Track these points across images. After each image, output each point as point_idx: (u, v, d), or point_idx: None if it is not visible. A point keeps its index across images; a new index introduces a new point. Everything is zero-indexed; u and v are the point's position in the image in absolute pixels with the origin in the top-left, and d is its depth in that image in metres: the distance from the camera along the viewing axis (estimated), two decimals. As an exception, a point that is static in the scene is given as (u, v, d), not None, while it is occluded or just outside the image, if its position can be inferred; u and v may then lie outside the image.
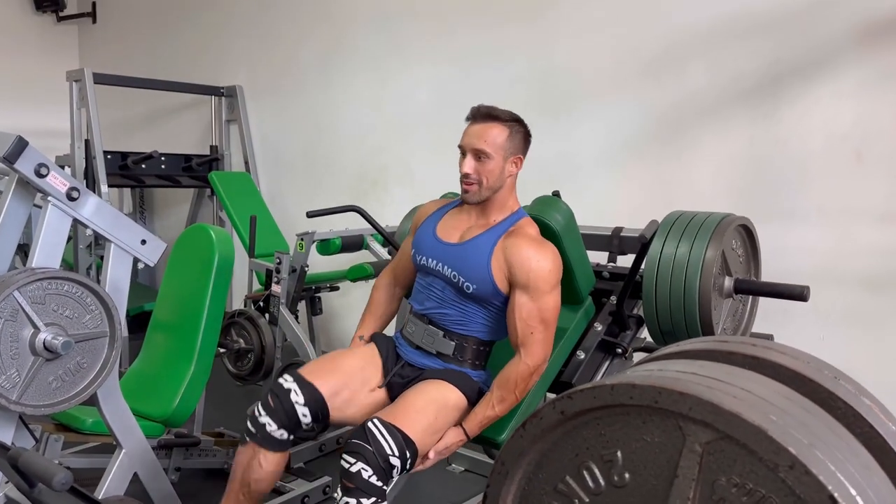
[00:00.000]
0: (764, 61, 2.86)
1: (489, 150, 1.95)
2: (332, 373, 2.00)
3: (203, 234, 2.69)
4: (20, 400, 1.80)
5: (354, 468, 1.71)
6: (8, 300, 1.77)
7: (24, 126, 5.98)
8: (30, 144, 1.84)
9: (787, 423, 0.67)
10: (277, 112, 4.89)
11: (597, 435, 0.77)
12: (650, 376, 0.75)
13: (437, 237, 2.07)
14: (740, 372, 0.79)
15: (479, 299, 2.00)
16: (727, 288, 2.11)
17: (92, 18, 6.32)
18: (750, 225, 2.18)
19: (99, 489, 2.11)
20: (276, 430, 1.90)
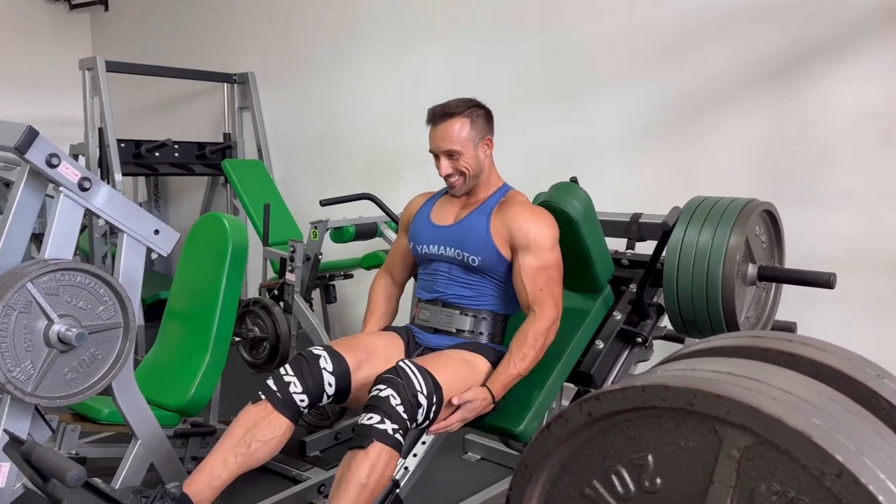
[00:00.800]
0: (787, 41, 2.78)
1: (457, 146, 2.03)
2: (358, 347, 2.01)
3: (217, 222, 2.67)
4: (35, 392, 1.79)
5: (384, 393, 1.71)
6: (21, 292, 1.75)
7: (39, 115, 6.00)
8: (40, 134, 1.82)
9: (833, 428, 0.63)
10: (290, 99, 4.85)
11: (626, 438, 0.74)
12: (684, 376, 0.72)
13: (433, 223, 2.14)
14: (778, 371, 0.75)
15: (486, 270, 2.05)
16: (751, 275, 2.06)
17: (104, 6, 6.30)
18: (774, 210, 2.12)
19: (115, 479, 2.10)
20: (299, 393, 1.84)
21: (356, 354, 1.94)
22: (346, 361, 1.90)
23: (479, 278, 2.06)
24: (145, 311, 4.60)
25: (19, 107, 5.92)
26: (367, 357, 1.96)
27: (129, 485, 2.12)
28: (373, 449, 1.65)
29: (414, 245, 2.17)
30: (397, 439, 1.68)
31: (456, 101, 2.08)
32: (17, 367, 1.75)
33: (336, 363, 1.89)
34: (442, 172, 2.07)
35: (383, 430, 1.66)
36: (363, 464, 1.64)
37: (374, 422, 1.67)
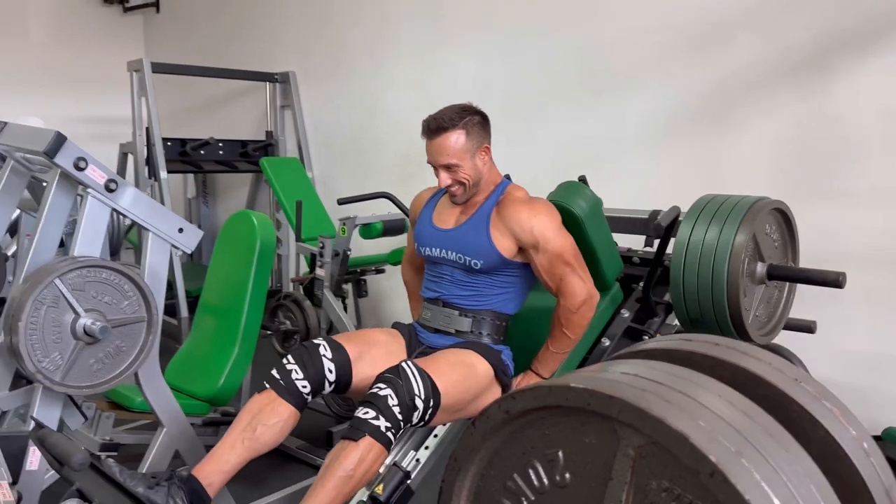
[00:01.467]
0: (814, 34, 2.73)
1: (455, 160, 2.03)
2: (359, 339, 2.07)
3: (246, 220, 2.77)
4: (63, 381, 1.90)
5: (383, 392, 1.76)
6: (50, 287, 1.87)
7: (95, 114, 6.29)
8: (68, 139, 1.93)
9: (717, 430, 0.66)
10: (328, 97, 4.96)
11: (541, 435, 0.78)
12: (591, 378, 0.76)
13: (435, 226, 2.17)
14: (689, 374, 0.78)
15: (489, 272, 2.08)
16: (759, 274, 2.05)
17: (156, 8, 6.52)
18: (785, 209, 2.10)
19: (142, 465, 2.22)
20: (301, 380, 1.91)
21: (357, 346, 2.01)
22: (346, 351, 1.97)
23: (482, 279, 2.10)
24: (190, 303, 4.77)
25: (76, 106, 6.20)
26: (367, 348, 2.02)
27: (155, 470, 2.23)
28: (363, 442, 1.70)
29: (418, 246, 2.22)
30: (389, 437, 1.73)
31: (449, 113, 2.07)
32: (46, 358, 1.87)
33: (336, 352, 1.96)
34: (441, 184, 2.10)
35: (376, 427, 1.71)
36: (352, 455, 1.70)
37: (370, 417, 1.72)
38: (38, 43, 6.22)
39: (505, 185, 2.14)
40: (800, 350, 2.64)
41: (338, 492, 1.68)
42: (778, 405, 0.79)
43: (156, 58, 6.25)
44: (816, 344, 2.61)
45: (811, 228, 2.70)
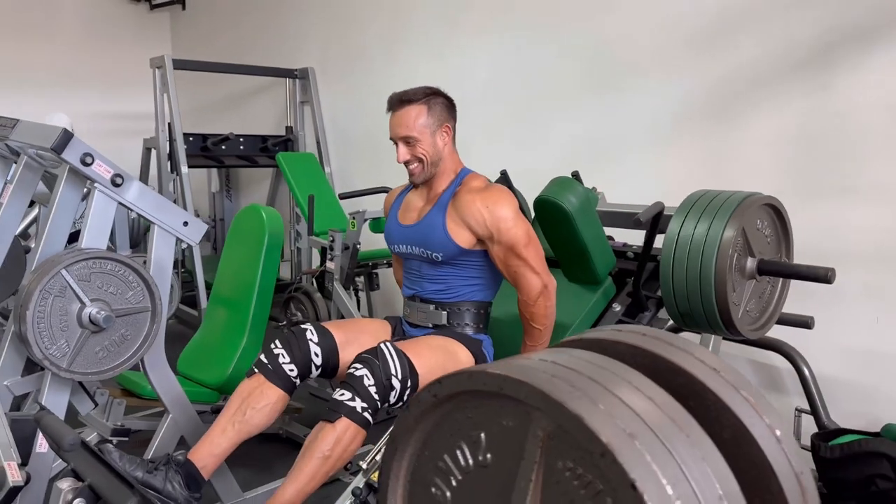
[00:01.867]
0: (819, 29, 2.71)
1: (414, 133, 2.08)
2: (348, 327, 2.13)
3: (255, 213, 2.84)
4: (70, 367, 1.99)
5: (359, 373, 1.80)
6: (56, 278, 1.96)
7: (121, 110, 6.44)
8: (75, 136, 2.02)
9: (615, 414, 0.70)
10: (346, 93, 5.03)
11: (466, 418, 0.82)
12: (508, 364, 0.80)
13: (399, 223, 2.22)
14: (606, 362, 0.81)
15: (451, 263, 2.11)
16: (749, 269, 2.05)
17: (182, 5, 6.66)
18: (778, 204, 2.10)
19: (148, 450, 2.31)
20: (288, 364, 1.97)
21: (344, 332, 2.06)
22: (332, 337, 2.02)
23: (449, 270, 2.12)
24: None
25: (103, 102, 6.37)
26: (355, 335, 2.07)
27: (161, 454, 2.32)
28: (340, 424, 1.75)
29: (388, 244, 2.28)
30: (365, 417, 1.78)
31: (414, 89, 2.14)
32: (53, 345, 1.96)
33: (322, 337, 2.01)
34: (400, 159, 2.13)
35: (352, 408, 1.76)
36: (328, 436, 1.75)
37: (345, 398, 1.78)
38: (67, 40, 6.39)
39: (464, 175, 2.15)
40: (801, 346, 2.64)
41: (315, 471, 1.74)
42: (694, 394, 0.83)
43: (181, 54, 6.41)
44: (818, 340, 2.61)
45: (814, 224, 2.70)
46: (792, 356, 2.65)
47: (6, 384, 2.15)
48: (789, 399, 2.85)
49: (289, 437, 3.10)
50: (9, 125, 2.19)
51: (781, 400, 2.90)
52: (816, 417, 2.60)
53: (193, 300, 4.68)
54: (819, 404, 2.60)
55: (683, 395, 0.83)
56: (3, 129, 2.20)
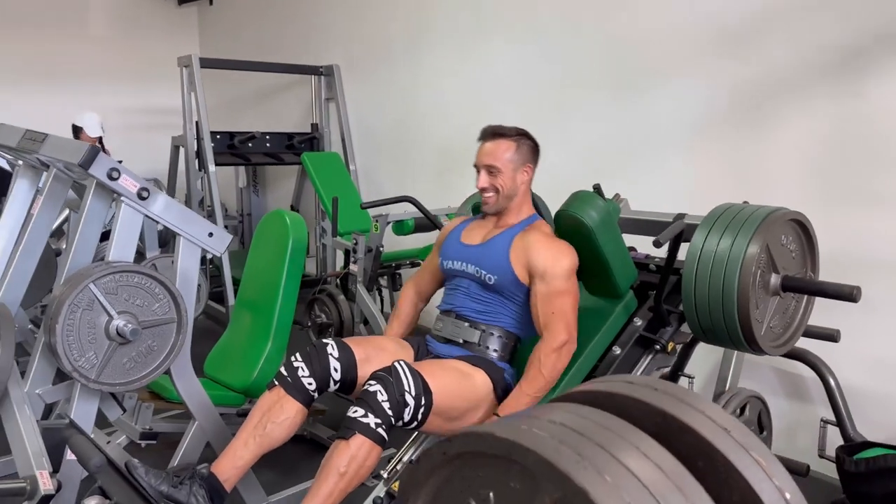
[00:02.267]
0: (850, 32, 2.65)
1: (498, 164, 2.17)
2: (368, 344, 2.15)
3: (279, 219, 2.87)
4: (98, 379, 2.04)
5: (373, 389, 1.83)
6: (85, 291, 2.00)
7: (150, 105, 6.53)
8: (101, 152, 2.05)
9: (621, 486, 0.70)
10: (370, 90, 5.04)
11: (475, 475, 0.82)
12: (516, 428, 0.80)
13: (461, 242, 2.28)
14: (615, 424, 0.81)
15: (501, 290, 2.15)
16: (773, 285, 2.03)
17: (209, 1, 6.70)
18: (803, 219, 2.07)
19: (174, 456, 2.36)
20: (307, 378, 2.00)
21: (364, 349, 2.08)
22: (352, 353, 2.04)
23: (496, 297, 2.16)
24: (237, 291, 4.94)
25: (132, 97, 6.46)
26: (375, 353, 2.09)
27: (187, 460, 2.37)
28: (354, 441, 1.78)
29: (442, 260, 2.32)
30: (380, 434, 1.80)
31: (509, 126, 2.24)
32: (82, 357, 2.00)
33: (342, 352, 2.03)
34: (479, 184, 2.21)
35: (366, 424, 1.78)
36: (343, 454, 1.77)
37: (359, 415, 1.80)
38: (97, 36, 6.48)
39: (535, 219, 2.24)
40: (827, 356, 2.61)
41: (332, 489, 1.77)
42: (703, 454, 0.82)
43: (208, 49, 6.46)
44: (844, 350, 2.57)
45: (844, 232, 2.66)
46: (817, 366, 2.62)
47: (38, 392, 2.21)
48: (814, 409, 2.82)
49: (313, 439, 3.14)
50: (38, 139, 2.24)
51: (806, 410, 2.87)
52: (842, 429, 2.57)
53: (221, 296, 4.74)
54: (845, 416, 2.57)
55: (692, 456, 0.83)
56: (32, 144, 2.24)
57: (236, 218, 6.22)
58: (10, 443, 2.11)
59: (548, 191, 2.61)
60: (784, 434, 2.83)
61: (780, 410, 2.85)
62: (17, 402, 2.14)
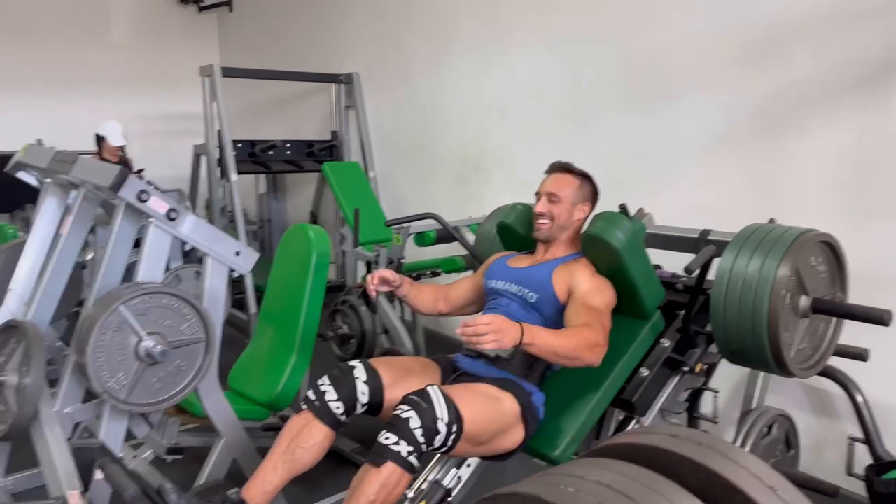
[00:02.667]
0: (876, 47, 2.62)
1: (560, 194, 2.27)
2: (395, 366, 2.14)
3: (303, 233, 2.88)
4: (128, 399, 2.06)
5: (405, 415, 1.81)
6: (115, 313, 2.02)
7: (171, 111, 6.57)
8: (130, 175, 2.07)
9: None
10: (390, 98, 5.04)
11: (519, 534, 0.83)
12: (561, 489, 0.80)
13: (507, 265, 2.34)
14: (661, 486, 0.81)
15: (541, 309, 2.17)
16: (803, 307, 2.01)
17: (229, 7, 6.74)
18: (833, 241, 2.05)
19: (202, 473, 2.38)
20: (335, 402, 1.99)
21: (392, 372, 2.08)
22: (380, 376, 2.04)
23: (534, 316, 2.17)
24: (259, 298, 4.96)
25: (153, 103, 6.51)
26: (402, 375, 2.09)
27: (214, 477, 2.39)
28: (385, 469, 1.77)
29: (486, 280, 2.37)
30: (411, 462, 1.79)
31: (576, 167, 2.37)
32: (112, 378, 2.03)
33: (370, 375, 2.03)
34: (537, 209, 2.30)
35: (397, 452, 1.77)
36: (374, 481, 1.77)
37: (391, 443, 1.78)
38: (118, 43, 6.53)
39: (580, 255, 2.29)
40: (855, 373, 2.58)
41: None
42: (746, 512, 0.82)
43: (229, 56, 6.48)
44: (872, 367, 2.54)
45: (870, 247, 2.63)
46: (845, 383, 2.60)
47: (67, 411, 2.23)
48: (842, 426, 2.79)
49: (336, 452, 3.15)
50: (69, 160, 2.26)
51: (834, 427, 2.84)
52: (871, 447, 2.54)
53: (242, 302, 4.77)
54: (874, 434, 2.54)
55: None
56: (62, 165, 2.27)
57: (256, 223, 6.25)
58: (41, 461, 2.14)
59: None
60: (811, 452, 2.81)
61: (807, 427, 2.82)
62: (47, 422, 2.16)
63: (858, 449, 2.59)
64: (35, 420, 2.15)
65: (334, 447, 3.15)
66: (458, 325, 1.86)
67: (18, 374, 2.15)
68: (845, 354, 2.38)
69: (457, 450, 1.91)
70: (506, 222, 2.48)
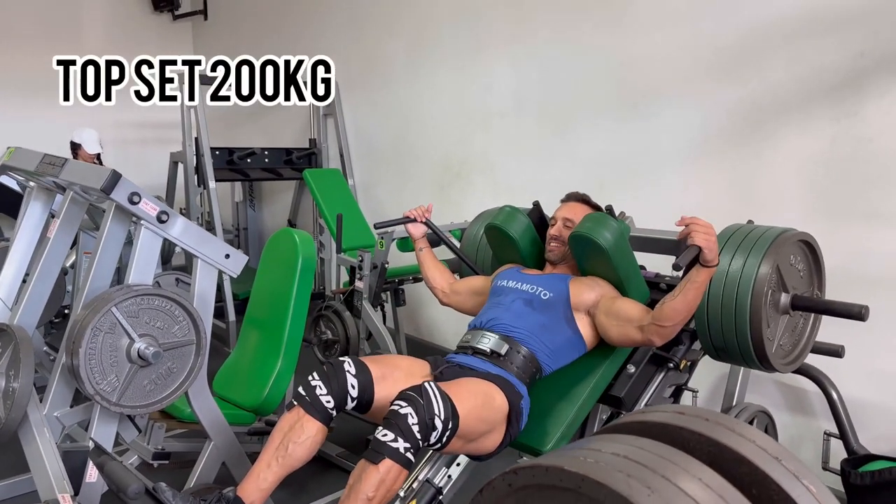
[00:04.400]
0: (848, 55, 2.73)
1: (576, 220, 2.36)
2: (384, 363, 2.16)
3: (289, 237, 2.89)
4: (119, 401, 2.06)
5: (403, 411, 1.82)
6: (107, 315, 2.02)
7: (150, 119, 6.51)
8: (123, 177, 2.07)
9: (691, 519, 0.74)
10: (369, 105, 5.07)
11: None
12: (583, 462, 0.84)
13: (522, 272, 2.45)
14: (675, 456, 0.85)
15: (549, 308, 2.24)
16: (783, 304, 2.08)
17: (203, 15, 6.72)
18: (811, 240, 2.13)
19: (191, 476, 2.37)
20: (325, 396, 2.00)
21: (380, 367, 2.10)
22: (369, 371, 2.06)
23: (536, 317, 2.22)
24: (238, 306, 4.94)
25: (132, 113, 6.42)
26: (390, 371, 2.11)
27: (203, 481, 2.39)
28: (383, 465, 1.78)
29: (497, 280, 2.47)
30: (408, 458, 1.80)
31: (592, 199, 2.53)
32: (104, 381, 2.02)
33: (359, 370, 2.05)
34: (552, 232, 2.44)
35: (395, 448, 1.78)
36: (372, 478, 1.78)
37: (388, 439, 1.79)
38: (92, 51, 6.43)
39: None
40: (830, 370, 2.66)
41: None
42: (757, 482, 0.86)
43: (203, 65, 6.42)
44: (847, 364, 2.62)
45: (843, 250, 2.72)
46: (820, 380, 2.68)
47: (56, 415, 2.22)
48: (817, 422, 2.88)
49: (321, 456, 3.15)
50: (58, 164, 2.25)
51: (809, 423, 2.92)
52: (845, 442, 2.62)
53: (221, 312, 4.74)
54: (848, 429, 2.62)
55: (747, 484, 0.87)
56: (51, 168, 2.26)
57: (232, 232, 6.22)
58: (31, 466, 2.12)
59: (551, 206, 2.67)
60: (788, 447, 2.88)
61: (784, 424, 2.90)
62: (36, 426, 2.15)
63: (834, 444, 2.68)
64: (24, 424, 2.14)
65: (320, 452, 3.16)
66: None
67: (6, 378, 2.14)
68: (822, 352, 2.46)
69: (450, 446, 1.93)
70: (494, 223, 2.52)
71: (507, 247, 2.54)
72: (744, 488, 0.86)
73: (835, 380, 2.65)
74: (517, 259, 2.57)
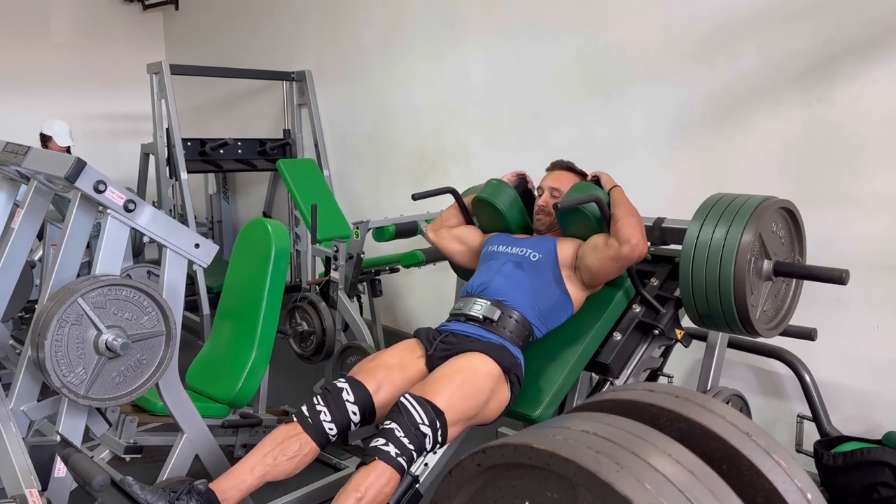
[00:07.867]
0: (818, 40, 2.74)
1: (562, 189, 2.45)
2: (375, 370, 2.16)
3: (262, 227, 2.85)
4: (87, 394, 2.01)
5: (389, 426, 1.90)
6: (73, 306, 1.97)
7: (117, 111, 6.42)
8: (87, 164, 2.02)
9: (661, 491, 0.73)
10: (343, 95, 5.03)
11: (510, 486, 0.85)
12: (552, 439, 0.83)
13: (512, 237, 2.50)
14: (644, 432, 0.84)
15: (538, 269, 2.29)
16: (766, 271, 2.10)
17: (175, 5, 6.62)
18: (792, 207, 2.16)
19: (164, 469, 2.34)
20: (328, 422, 2.02)
21: (374, 378, 2.11)
22: (366, 388, 2.08)
23: (525, 278, 2.27)
24: (212, 299, 4.89)
25: (99, 103, 6.35)
26: (385, 376, 2.13)
27: (176, 474, 2.35)
28: (375, 467, 1.81)
29: (487, 245, 2.51)
30: (400, 462, 1.84)
31: (577, 166, 2.58)
32: (71, 373, 1.97)
33: (357, 392, 2.06)
34: (539, 202, 2.49)
35: (387, 452, 1.83)
36: (363, 478, 1.81)
37: (380, 444, 1.85)
38: (60, 42, 6.35)
39: None
40: (803, 353, 2.69)
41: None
42: (727, 458, 0.86)
43: (175, 55, 6.37)
44: (819, 347, 2.66)
45: (815, 234, 2.73)
46: (793, 363, 2.70)
47: (23, 409, 2.17)
48: (791, 405, 2.90)
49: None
50: (20, 152, 2.20)
51: (783, 406, 2.95)
52: (818, 424, 2.65)
53: (195, 305, 4.69)
54: (821, 411, 2.65)
55: (717, 459, 0.86)
56: (14, 157, 2.20)
57: (206, 225, 6.15)
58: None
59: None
60: (762, 430, 2.91)
61: (758, 408, 2.92)
62: (2, 420, 2.10)
63: (807, 426, 2.71)
64: (-11, 419, 2.09)
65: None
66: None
67: (-30, 372, 2.08)
68: (795, 335, 2.48)
69: (451, 436, 1.97)
70: (481, 196, 2.55)
71: (495, 219, 2.58)
72: (714, 463, 0.86)
73: (808, 363, 2.68)
74: (506, 230, 2.59)
